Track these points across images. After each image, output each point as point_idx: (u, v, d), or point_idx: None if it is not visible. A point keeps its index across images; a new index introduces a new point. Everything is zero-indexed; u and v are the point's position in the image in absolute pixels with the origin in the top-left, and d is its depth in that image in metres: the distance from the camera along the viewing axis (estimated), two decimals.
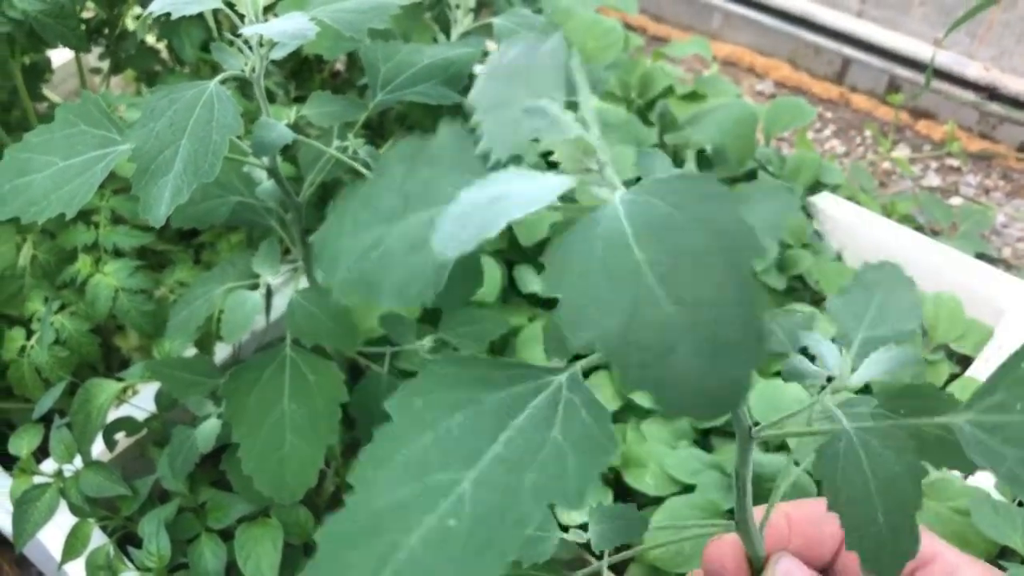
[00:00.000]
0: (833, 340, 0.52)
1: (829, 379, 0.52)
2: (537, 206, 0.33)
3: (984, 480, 1.00)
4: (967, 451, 0.38)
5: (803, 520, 0.54)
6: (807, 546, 0.54)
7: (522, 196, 0.34)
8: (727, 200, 0.30)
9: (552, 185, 0.35)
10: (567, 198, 0.37)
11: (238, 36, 0.70)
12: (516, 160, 0.39)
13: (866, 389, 0.99)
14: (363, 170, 0.76)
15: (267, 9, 0.72)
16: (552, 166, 0.39)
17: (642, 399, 1.02)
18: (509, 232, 1.12)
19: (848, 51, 1.88)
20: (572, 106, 0.38)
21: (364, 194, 0.42)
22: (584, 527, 1.04)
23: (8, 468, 1.00)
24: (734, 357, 0.28)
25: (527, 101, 0.38)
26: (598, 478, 0.33)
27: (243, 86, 1.17)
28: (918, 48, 1.79)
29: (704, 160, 1.33)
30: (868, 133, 1.83)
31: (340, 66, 1.53)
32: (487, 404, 0.35)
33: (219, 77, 0.67)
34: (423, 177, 0.40)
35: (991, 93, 1.74)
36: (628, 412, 1.05)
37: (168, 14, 0.68)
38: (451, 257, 0.32)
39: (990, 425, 0.38)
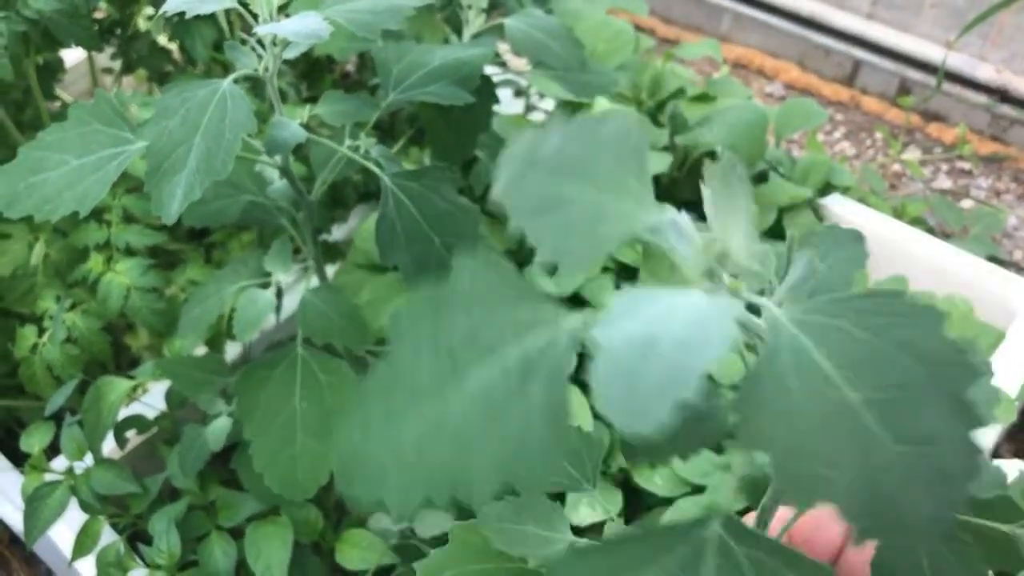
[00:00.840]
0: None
1: None
2: (726, 342, 0.27)
3: None
4: None
5: (802, 526, 0.54)
6: (808, 552, 0.54)
7: (693, 331, 0.28)
8: (927, 320, 0.28)
9: (719, 311, 0.29)
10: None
11: (252, 35, 0.70)
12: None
13: None
14: (375, 169, 0.76)
15: (280, 9, 0.72)
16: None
17: None
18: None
19: (858, 53, 1.88)
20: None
21: (385, 376, 0.32)
22: (595, 527, 1.04)
23: (19, 465, 1.01)
24: (954, 487, 0.27)
25: (594, 199, 0.32)
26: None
27: (255, 86, 1.17)
28: (929, 50, 1.79)
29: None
30: (878, 135, 1.83)
31: (351, 67, 1.53)
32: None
33: (232, 76, 0.67)
34: (462, 329, 0.32)
35: (1002, 95, 1.74)
36: None
37: (180, 14, 0.68)
38: (641, 431, 0.26)
39: None
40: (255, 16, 0.71)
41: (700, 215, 1.16)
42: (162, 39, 1.31)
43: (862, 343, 0.28)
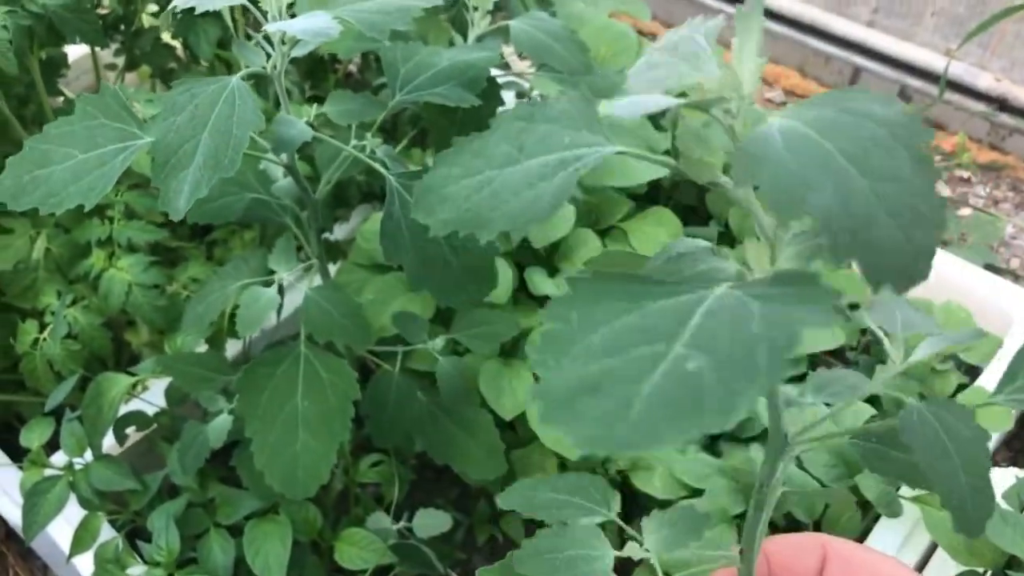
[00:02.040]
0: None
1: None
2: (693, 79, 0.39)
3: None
4: None
5: (783, 554, 0.54)
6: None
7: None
8: (883, 100, 0.35)
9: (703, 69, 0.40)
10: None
11: (260, 33, 0.70)
12: None
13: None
14: (381, 169, 0.77)
15: (288, 7, 0.73)
16: None
17: None
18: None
19: (859, 60, 1.89)
20: None
21: (474, 146, 0.45)
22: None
23: (17, 460, 1.01)
24: (923, 225, 0.32)
25: (673, 61, 0.43)
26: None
27: (258, 84, 1.17)
28: (929, 58, 1.79)
29: None
30: None
31: (353, 66, 1.54)
32: (655, 307, 0.35)
33: (241, 73, 0.68)
34: (540, 131, 0.44)
35: (1002, 104, 1.74)
36: None
37: (185, 11, 0.68)
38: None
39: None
40: (264, 14, 0.71)
41: (701, 219, 1.17)
42: (166, 36, 1.32)
43: (835, 117, 0.36)
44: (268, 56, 0.72)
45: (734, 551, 0.51)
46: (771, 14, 1.96)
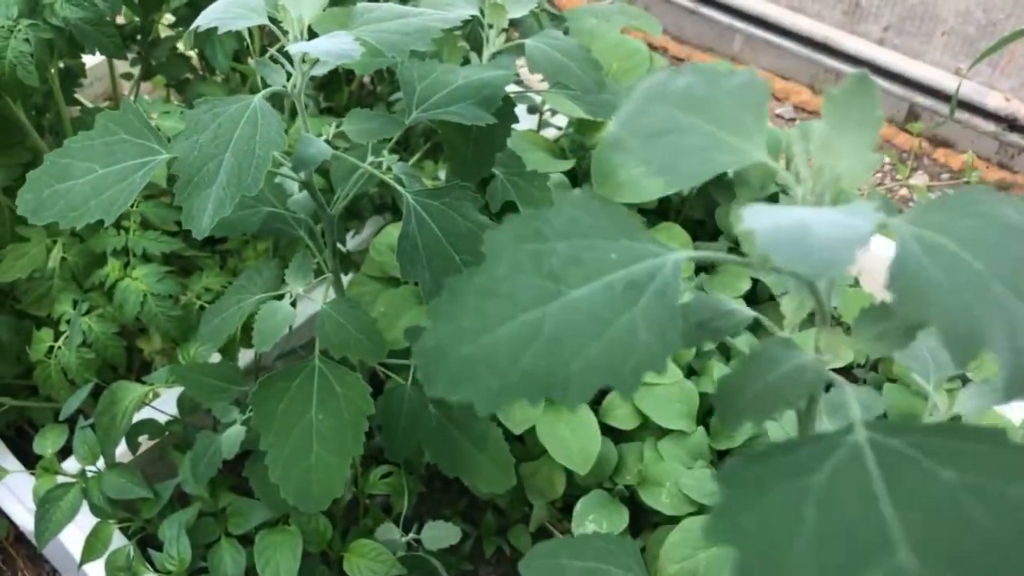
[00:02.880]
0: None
1: None
2: (868, 231, 0.33)
3: None
4: None
5: None
6: None
7: (831, 227, 0.33)
8: (1015, 204, 0.33)
9: (864, 223, 0.34)
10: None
11: (283, 52, 0.71)
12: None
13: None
14: (398, 187, 0.78)
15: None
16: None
17: (659, 417, 1.03)
18: None
19: None
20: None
21: (480, 286, 0.37)
22: None
23: (29, 467, 1.02)
24: None
25: (709, 130, 0.38)
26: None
27: (273, 97, 1.18)
28: (939, 77, 1.80)
29: (725, 182, 1.34)
30: (887, 160, 1.84)
31: (367, 79, 1.55)
32: (819, 485, 0.32)
33: (263, 93, 0.69)
34: (564, 252, 0.37)
35: (1011, 124, 1.75)
36: (645, 431, 1.06)
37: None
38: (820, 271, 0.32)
39: None
40: (284, 32, 0.72)
41: (710, 234, 1.18)
42: (181, 46, 1.33)
43: (974, 227, 0.33)
44: (288, 75, 0.73)
45: None
46: (782, 31, 1.97)
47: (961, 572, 0.28)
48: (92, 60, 1.44)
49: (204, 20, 0.69)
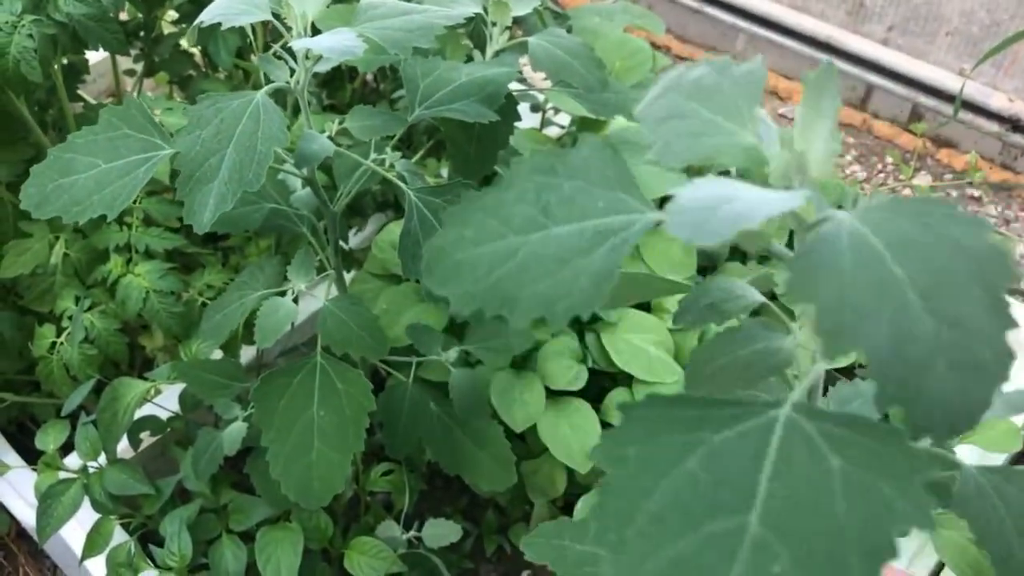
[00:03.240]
0: None
1: None
2: (772, 213, 0.33)
3: None
4: None
5: None
6: None
7: (752, 203, 0.33)
8: (975, 224, 0.31)
9: (782, 198, 0.34)
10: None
11: (286, 49, 0.71)
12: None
13: None
14: (400, 184, 0.77)
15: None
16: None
17: None
18: None
19: (872, 78, 1.89)
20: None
21: (489, 204, 0.41)
22: None
23: (30, 462, 1.02)
24: (985, 375, 0.29)
25: (709, 116, 0.39)
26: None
27: (276, 94, 1.18)
28: (942, 77, 1.80)
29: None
30: (889, 160, 1.84)
31: (370, 76, 1.55)
32: (717, 444, 0.32)
33: (265, 89, 0.69)
34: (565, 190, 0.40)
35: (1014, 124, 1.75)
36: None
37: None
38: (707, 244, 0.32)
39: None
40: (288, 28, 0.72)
41: None
42: (184, 43, 1.33)
43: (912, 234, 0.32)
44: (292, 71, 0.73)
45: None
46: (786, 30, 1.97)
47: (794, 547, 0.29)
48: (95, 56, 1.44)
49: (207, 16, 0.69)
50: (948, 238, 0.31)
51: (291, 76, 0.73)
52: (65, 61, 1.18)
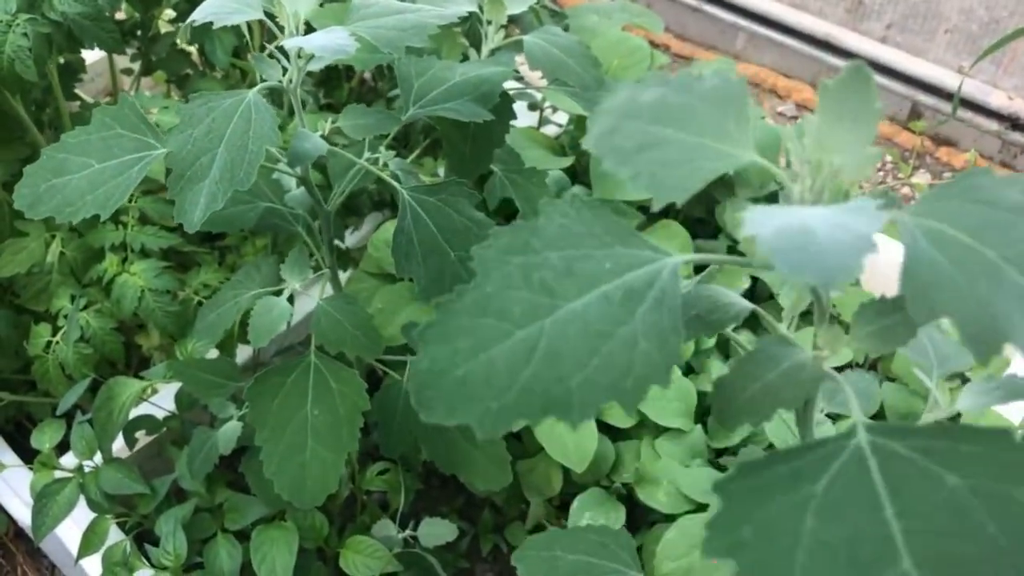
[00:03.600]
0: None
1: None
2: (870, 235, 0.31)
3: None
4: None
5: None
6: None
7: (833, 229, 0.32)
8: (1015, 183, 0.31)
9: (860, 221, 0.32)
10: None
11: (278, 48, 0.71)
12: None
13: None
14: (394, 183, 0.77)
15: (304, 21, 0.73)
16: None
17: (657, 415, 1.03)
18: None
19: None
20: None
21: (471, 304, 0.36)
22: None
23: (27, 461, 1.02)
24: None
25: (693, 140, 0.36)
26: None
27: (272, 93, 1.18)
28: (942, 75, 1.79)
29: (725, 180, 1.34)
30: (889, 158, 1.83)
31: (367, 75, 1.54)
32: (821, 493, 0.31)
33: (258, 87, 0.68)
34: (555, 264, 0.36)
35: (1014, 123, 1.74)
36: (642, 429, 1.06)
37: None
38: (829, 280, 0.30)
39: None
40: (280, 28, 0.72)
41: (710, 231, 1.17)
42: (181, 42, 1.33)
43: (980, 215, 0.31)
44: (284, 70, 0.73)
45: None
46: (785, 28, 1.96)
47: None
48: (93, 56, 1.44)
49: (200, 14, 0.69)
50: (1011, 207, 0.31)
51: (284, 75, 0.73)
52: (61, 60, 1.18)
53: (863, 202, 0.35)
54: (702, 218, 1.37)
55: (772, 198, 1.35)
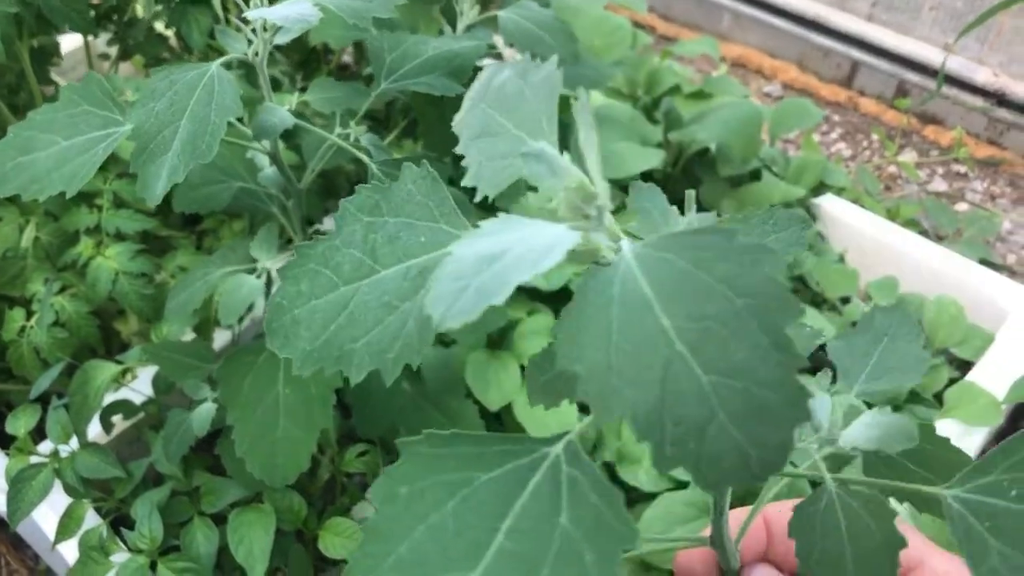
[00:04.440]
0: (831, 387, 0.50)
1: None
2: (545, 266, 0.29)
3: None
4: (950, 528, 0.36)
5: (784, 522, 0.53)
6: (788, 550, 0.53)
7: (525, 253, 0.30)
8: (753, 256, 0.28)
9: (558, 240, 0.30)
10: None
11: (244, 20, 0.70)
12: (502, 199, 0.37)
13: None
14: (364, 157, 0.76)
15: None
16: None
17: None
18: None
19: (857, 55, 1.88)
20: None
21: (320, 253, 0.39)
22: None
23: (4, 447, 1.01)
24: (775, 421, 0.27)
25: (515, 133, 0.36)
26: (618, 569, 0.30)
27: (249, 73, 1.17)
28: (927, 53, 1.79)
29: (708, 159, 1.33)
30: (875, 137, 1.83)
31: (348, 59, 1.53)
32: (481, 488, 0.32)
33: (221, 60, 0.67)
34: (389, 228, 0.38)
35: (999, 99, 1.74)
36: None
37: (179, 1, 0.68)
38: (451, 327, 0.28)
39: (977, 505, 0.36)
40: (247, 2, 0.71)
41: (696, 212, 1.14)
42: (159, 26, 1.31)
43: (686, 274, 0.28)
44: (251, 43, 0.72)
45: (704, 533, 0.51)
46: (770, 8, 1.95)
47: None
48: (72, 43, 1.43)
49: None
50: (722, 276, 0.28)
51: (249, 47, 0.72)
52: (35, 44, 1.17)
53: (591, 226, 0.34)
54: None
55: (755, 175, 1.35)
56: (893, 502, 0.43)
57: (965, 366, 1.18)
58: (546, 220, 0.32)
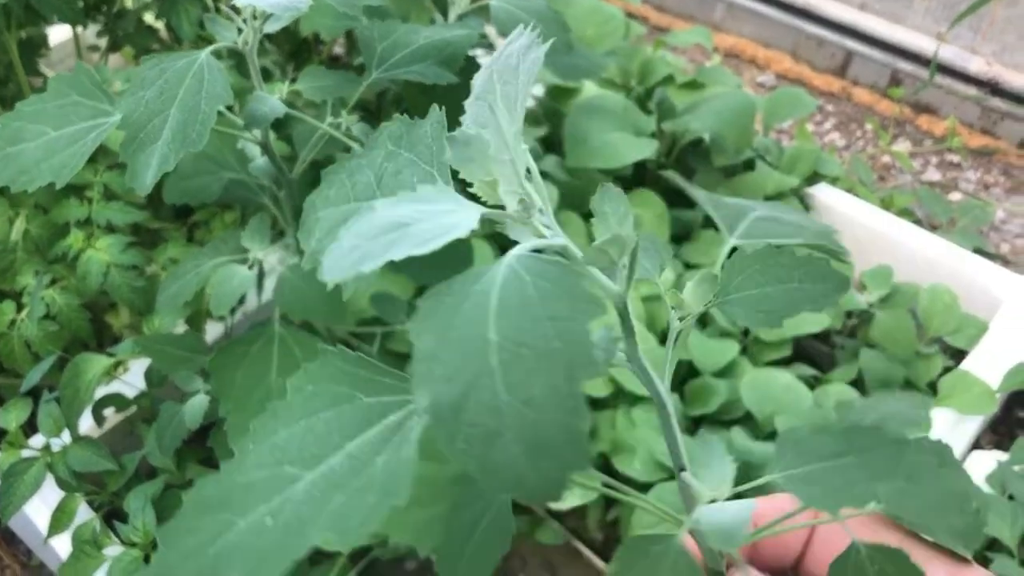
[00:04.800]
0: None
1: None
2: (431, 246, 0.31)
3: (974, 473, 1.00)
4: None
5: (772, 515, 0.52)
6: (774, 544, 0.53)
7: (427, 229, 0.32)
8: (586, 307, 0.30)
9: (455, 225, 0.32)
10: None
11: (233, 8, 0.69)
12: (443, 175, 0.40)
13: None
14: (356, 147, 0.76)
15: None
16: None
17: (632, 384, 1.02)
18: None
19: (850, 44, 1.88)
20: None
21: (351, 166, 0.44)
22: (576, 510, 1.04)
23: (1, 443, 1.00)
24: (554, 459, 0.29)
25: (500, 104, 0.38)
26: (378, 519, 0.32)
27: (240, 63, 1.16)
28: (921, 42, 1.78)
29: (701, 149, 1.33)
30: (869, 127, 1.83)
31: (340, 50, 1.53)
32: (354, 409, 0.36)
33: (210, 48, 0.67)
34: (400, 162, 0.42)
35: (993, 88, 1.74)
36: (618, 398, 1.05)
37: None
38: (331, 281, 0.32)
39: None
40: None
41: (687, 202, 1.16)
42: (148, 17, 1.31)
43: (527, 300, 0.31)
44: (240, 31, 0.71)
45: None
46: None
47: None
48: (61, 35, 1.42)
49: None
50: (552, 314, 0.30)
51: (239, 36, 0.71)
52: (23, 35, 1.16)
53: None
54: (679, 189, 1.35)
55: (748, 165, 1.34)
56: None
57: (959, 355, 1.18)
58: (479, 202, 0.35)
